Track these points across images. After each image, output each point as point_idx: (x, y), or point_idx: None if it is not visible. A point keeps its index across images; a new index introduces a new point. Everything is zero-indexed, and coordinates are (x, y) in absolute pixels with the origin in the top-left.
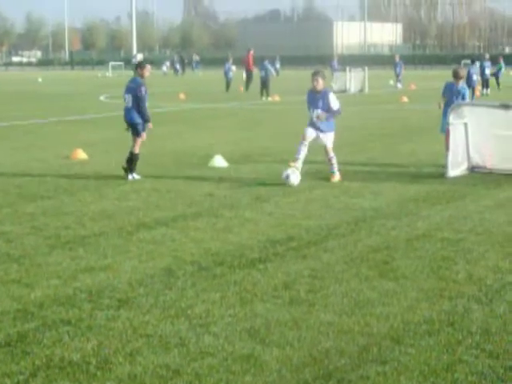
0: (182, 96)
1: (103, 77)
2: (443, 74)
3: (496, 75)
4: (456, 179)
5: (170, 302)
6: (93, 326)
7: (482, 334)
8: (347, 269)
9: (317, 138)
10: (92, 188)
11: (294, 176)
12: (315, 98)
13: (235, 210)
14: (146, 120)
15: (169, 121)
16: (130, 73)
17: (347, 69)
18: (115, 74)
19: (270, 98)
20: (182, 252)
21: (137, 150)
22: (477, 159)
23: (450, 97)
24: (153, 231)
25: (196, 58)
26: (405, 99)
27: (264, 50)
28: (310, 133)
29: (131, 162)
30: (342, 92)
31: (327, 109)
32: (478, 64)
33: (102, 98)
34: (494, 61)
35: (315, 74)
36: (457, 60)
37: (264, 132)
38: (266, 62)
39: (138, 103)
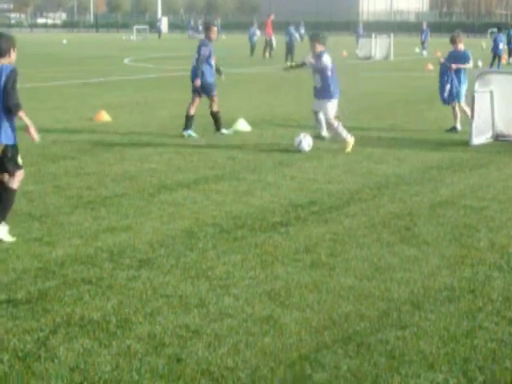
0: None
1: (127, 40)
2: (469, 42)
3: None
4: (480, 147)
5: (191, 263)
6: (113, 286)
7: (502, 301)
8: (369, 234)
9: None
10: (115, 150)
11: (305, 142)
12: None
13: (257, 174)
14: (192, 80)
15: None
16: (154, 36)
17: (373, 35)
18: (139, 38)
19: (294, 63)
20: (203, 214)
21: (215, 108)
22: (501, 128)
23: (451, 62)
24: (174, 193)
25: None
26: (430, 67)
27: (289, 16)
28: (315, 104)
29: (216, 121)
30: (366, 59)
31: (322, 70)
32: (504, 32)
33: (126, 61)
34: None
35: (310, 39)
36: (483, 28)
37: (288, 97)
38: (291, 28)
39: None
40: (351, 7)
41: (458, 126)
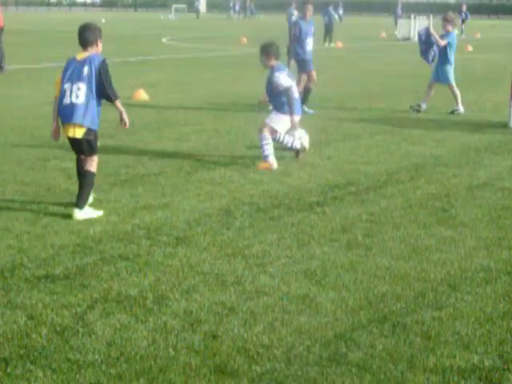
0: (244, 40)
1: (166, 19)
2: (510, 24)
3: None
4: None
5: (227, 242)
6: (150, 263)
7: None
8: (405, 215)
9: None
10: (153, 128)
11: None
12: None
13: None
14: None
15: (230, 64)
16: (193, 16)
17: (412, 16)
18: (178, 17)
19: (332, 44)
20: (240, 193)
21: (308, 84)
22: None
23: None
24: (211, 172)
25: (251, 3)
26: (469, 48)
27: None
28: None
29: (304, 96)
30: (405, 40)
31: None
32: None
33: (164, 40)
34: None
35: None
36: None
37: (326, 78)
38: (330, 8)
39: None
40: None
41: (460, 108)
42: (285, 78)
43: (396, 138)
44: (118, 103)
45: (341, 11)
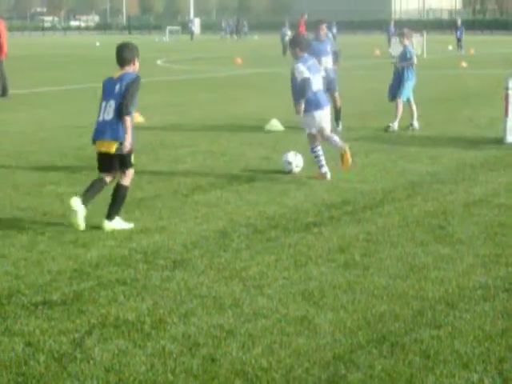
0: (238, 60)
1: (160, 41)
2: (503, 40)
3: None
4: None
5: (225, 264)
6: (148, 287)
7: None
8: (402, 233)
9: None
10: (148, 150)
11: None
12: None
13: (291, 174)
14: None
15: (225, 85)
16: (187, 37)
17: None
18: (172, 39)
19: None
20: (236, 215)
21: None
22: None
23: (399, 59)
24: (208, 194)
25: (244, 24)
26: (464, 64)
27: (321, 15)
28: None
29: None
30: None
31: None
32: None
33: (159, 62)
34: None
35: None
36: None
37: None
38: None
39: None
40: (384, 6)
41: (415, 124)
42: (302, 69)
43: (392, 155)
44: (127, 120)
45: (335, 30)
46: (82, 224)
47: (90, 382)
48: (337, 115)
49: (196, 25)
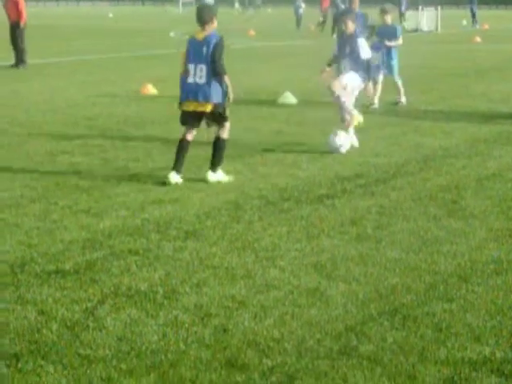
0: (251, 33)
1: (173, 13)
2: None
3: None
4: None
5: (237, 235)
6: (160, 257)
7: None
8: (415, 207)
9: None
10: (161, 122)
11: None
12: (344, 42)
13: (304, 147)
14: None
15: (237, 57)
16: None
17: (419, 8)
18: (185, 11)
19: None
20: (249, 187)
21: None
22: None
23: (382, 37)
24: (222, 166)
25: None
26: (478, 39)
27: None
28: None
29: None
30: (413, 31)
31: (355, 57)
32: None
33: (172, 34)
34: None
35: (342, 15)
36: None
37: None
38: (338, 0)
39: None
40: None
41: (403, 100)
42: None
43: (405, 129)
44: (226, 79)
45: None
46: (228, 179)
47: (102, 350)
48: None
49: None
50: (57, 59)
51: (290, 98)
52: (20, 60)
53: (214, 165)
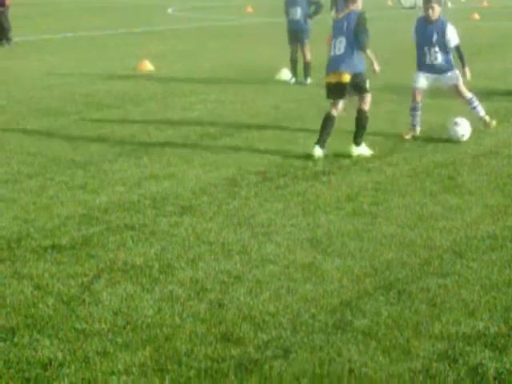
0: (249, 9)
1: None
2: None
3: None
4: None
5: (233, 211)
6: (156, 232)
7: None
8: (411, 183)
9: (434, 84)
10: (158, 98)
11: (460, 130)
12: (427, 29)
13: (301, 123)
14: None
15: (235, 34)
16: None
17: None
18: None
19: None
20: (245, 162)
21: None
22: None
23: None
24: (217, 142)
25: None
26: (476, 16)
27: None
28: (422, 82)
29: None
30: (411, 8)
31: (443, 45)
32: None
33: (169, 10)
34: None
35: (427, 2)
36: None
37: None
38: None
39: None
40: None
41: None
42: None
43: (401, 106)
44: (368, 52)
45: None
46: (370, 152)
47: (98, 324)
48: (305, 69)
49: None
50: (54, 36)
51: (286, 75)
52: (5, 38)
53: (357, 138)
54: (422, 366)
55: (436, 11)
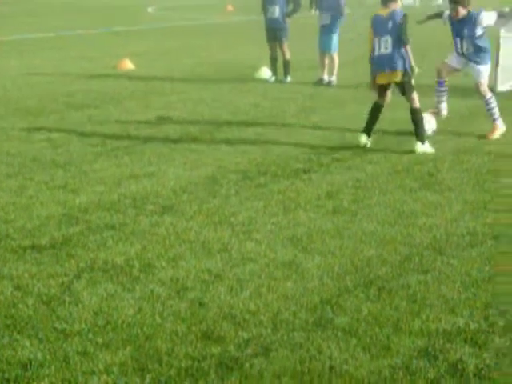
0: (229, 8)
1: None
2: None
3: None
4: (505, 94)
5: (214, 209)
6: (136, 231)
7: None
8: (391, 180)
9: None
10: (138, 97)
11: (429, 127)
12: (457, 26)
13: (281, 121)
14: None
15: (215, 32)
16: None
17: None
18: None
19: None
20: (226, 161)
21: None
22: None
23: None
24: (197, 140)
25: None
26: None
27: None
28: (454, 61)
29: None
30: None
31: (479, 35)
32: None
33: (149, 9)
34: None
35: (451, 3)
36: None
37: (312, 45)
38: None
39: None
40: None
41: (325, 77)
42: (488, 15)
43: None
44: (408, 48)
45: None
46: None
47: (78, 324)
48: (285, 67)
49: None
50: (34, 35)
51: (266, 73)
52: None
53: (418, 135)
54: (402, 362)
55: (460, 13)
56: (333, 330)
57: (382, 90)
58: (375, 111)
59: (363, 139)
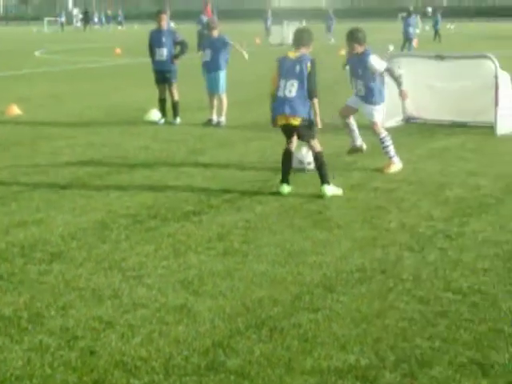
0: (118, 51)
1: (39, 32)
2: (379, 27)
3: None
4: (391, 130)
5: (104, 255)
6: (25, 281)
7: (412, 280)
8: (281, 219)
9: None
10: (26, 143)
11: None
12: (352, 65)
13: (170, 163)
14: None
15: (104, 75)
16: (67, 28)
17: (285, 22)
18: (51, 30)
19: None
20: (116, 205)
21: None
22: (412, 110)
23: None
24: (86, 185)
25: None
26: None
27: (200, 5)
28: (353, 101)
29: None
30: (279, 45)
31: (370, 76)
32: (415, 16)
33: (37, 53)
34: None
35: (347, 39)
36: (393, 13)
37: (200, 86)
38: (202, 16)
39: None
40: None
41: (214, 118)
42: (380, 61)
43: (270, 143)
44: (315, 102)
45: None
46: (339, 192)
47: None
48: (174, 109)
49: (76, 15)
50: None
51: (156, 115)
52: None
53: (323, 178)
54: None
55: (356, 48)
56: (225, 373)
57: (288, 134)
58: (286, 158)
59: (285, 189)
